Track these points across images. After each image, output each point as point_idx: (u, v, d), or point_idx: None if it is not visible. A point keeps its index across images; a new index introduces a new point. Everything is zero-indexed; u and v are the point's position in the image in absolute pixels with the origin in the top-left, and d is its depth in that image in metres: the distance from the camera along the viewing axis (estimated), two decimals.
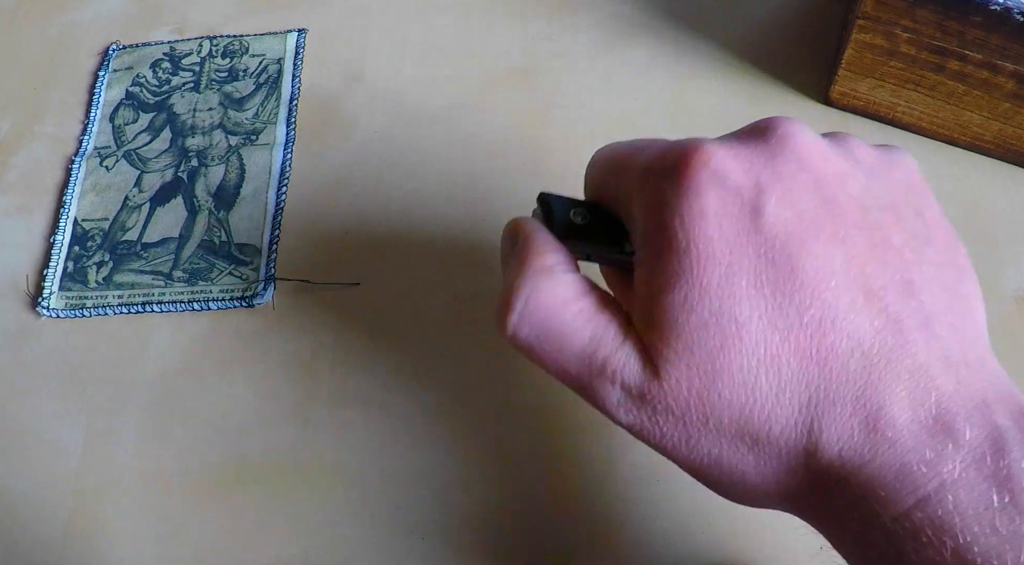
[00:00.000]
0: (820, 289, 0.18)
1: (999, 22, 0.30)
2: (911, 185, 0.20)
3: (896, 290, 0.18)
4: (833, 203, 0.19)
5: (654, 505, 0.30)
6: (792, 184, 0.19)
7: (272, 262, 0.36)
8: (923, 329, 0.18)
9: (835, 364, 0.17)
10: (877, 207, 0.19)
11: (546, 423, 0.31)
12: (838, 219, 0.18)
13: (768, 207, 0.18)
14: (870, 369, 0.17)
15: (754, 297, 0.18)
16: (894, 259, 0.18)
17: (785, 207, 0.18)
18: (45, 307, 0.36)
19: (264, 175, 0.38)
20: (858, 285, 0.18)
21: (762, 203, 0.18)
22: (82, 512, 0.31)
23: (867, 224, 0.19)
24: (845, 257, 0.18)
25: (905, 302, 0.18)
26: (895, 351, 0.17)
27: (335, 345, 0.34)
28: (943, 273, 0.19)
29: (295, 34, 0.42)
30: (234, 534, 0.30)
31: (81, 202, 0.38)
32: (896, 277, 0.18)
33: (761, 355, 0.18)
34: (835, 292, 0.18)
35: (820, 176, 0.19)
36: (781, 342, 0.18)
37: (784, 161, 0.19)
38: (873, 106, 0.36)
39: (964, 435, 0.17)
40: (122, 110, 0.41)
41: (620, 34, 0.41)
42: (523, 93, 0.39)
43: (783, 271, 0.18)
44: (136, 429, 0.33)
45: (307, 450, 0.32)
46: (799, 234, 0.18)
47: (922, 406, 0.17)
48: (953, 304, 0.19)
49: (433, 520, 0.30)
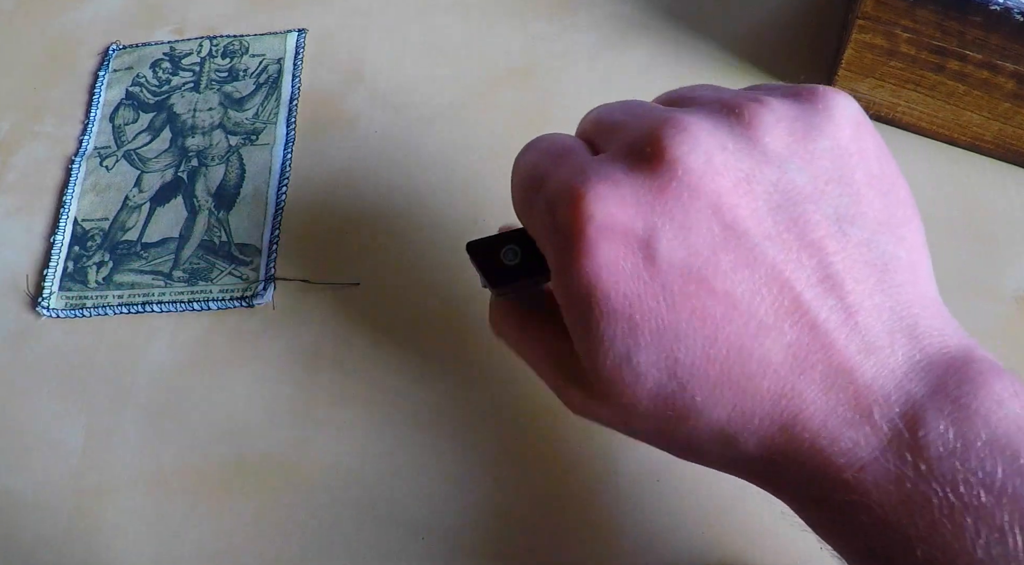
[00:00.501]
0: (723, 323, 0.18)
1: (999, 22, 0.30)
2: (836, 150, 0.19)
3: (813, 292, 0.18)
4: (734, 225, 0.18)
5: (654, 505, 0.30)
6: (684, 219, 0.18)
7: (272, 262, 0.36)
8: (843, 325, 0.18)
9: (748, 385, 0.18)
10: (790, 202, 0.19)
11: (546, 423, 0.31)
12: (742, 240, 0.18)
13: (660, 252, 0.18)
14: (782, 383, 0.18)
15: (660, 342, 0.18)
16: (811, 258, 0.18)
17: (679, 247, 0.18)
18: (45, 307, 0.36)
19: (264, 175, 0.38)
20: (767, 304, 0.18)
21: (653, 249, 0.18)
22: (82, 512, 0.31)
23: (778, 229, 0.18)
24: (751, 280, 0.18)
25: (823, 302, 0.18)
26: (809, 358, 0.18)
27: (335, 345, 0.34)
28: (872, 248, 0.19)
29: (295, 34, 0.42)
30: (234, 534, 0.30)
31: (81, 202, 0.38)
32: (814, 278, 0.18)
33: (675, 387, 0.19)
34: (740, 322, 0.18)
35: (716, 199, 0.18)
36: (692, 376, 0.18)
37: (674, 195, 0.18)
38: (873, 106, 0.36)
39: (880, 420, 0.18)
40: (122, 110, 0.41)
41: (620, 34, 0.41)
42: (523, 93, 0.39)
43: (684, 313, 0.18)
44: (136, 429, 0.33)
45: (307, 450, 0.32)
46: (696, 273, 0.18)
47: (839, 403, 0.18)
48: (884, 278, 0.19)
49: (433, 520, 0.30)
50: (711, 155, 0.18)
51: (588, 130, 0.22)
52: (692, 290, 0.18)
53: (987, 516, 0.16)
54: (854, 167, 0.19)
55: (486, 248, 0.23)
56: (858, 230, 0.19)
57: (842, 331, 0.18)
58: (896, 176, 0.20)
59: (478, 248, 0.23)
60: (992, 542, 0.16)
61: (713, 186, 0.18)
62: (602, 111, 0.22)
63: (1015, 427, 0.17)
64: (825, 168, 0.19)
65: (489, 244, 0.23)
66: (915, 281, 0.19)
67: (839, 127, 0.19)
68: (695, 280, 0.18)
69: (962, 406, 0.17)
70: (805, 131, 0.19)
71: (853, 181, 0.19)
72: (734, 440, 0.19)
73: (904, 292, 0.19)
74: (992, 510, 0.16)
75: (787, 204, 0.18)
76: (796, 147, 0.19)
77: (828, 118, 0.19)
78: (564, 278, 0.19)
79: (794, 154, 0.19)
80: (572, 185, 0.19)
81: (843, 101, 0.20)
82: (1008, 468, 0.16)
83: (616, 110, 0.22)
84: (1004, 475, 0.16)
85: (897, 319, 0.18)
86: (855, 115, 0.20)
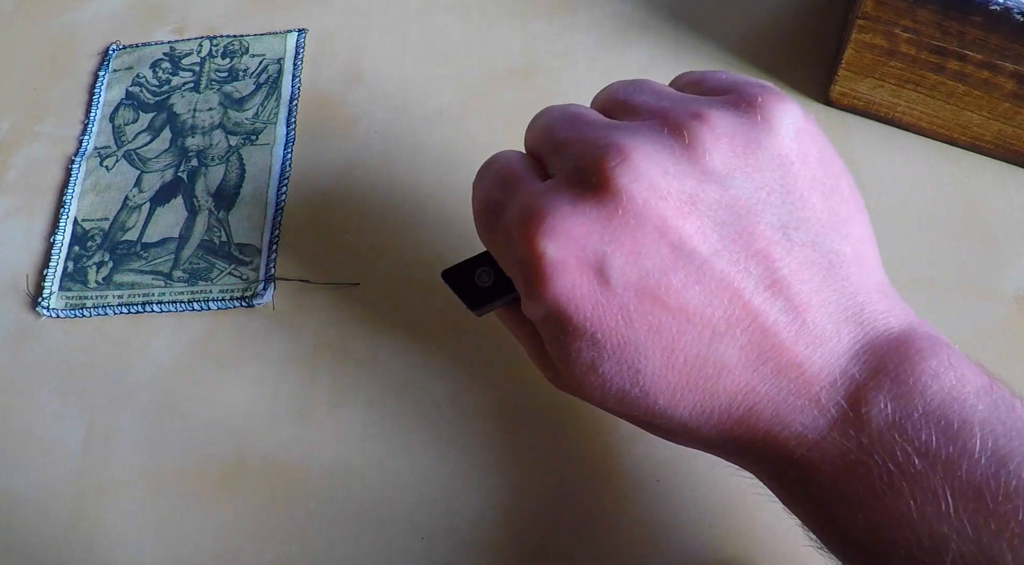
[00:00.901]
0: (679, 334, 0.20)
1: (999, 22, 0.30)
2: (777, 159, 0.20)
3: (762, 297, 0.19)
4: (681, 245, 0.19)
5: (654, 505, 0.30)
6: (633, 244, 0.19)
7: (272, 262, 0.36)
8: (791, 324, 0.20)
9: (706, 387, 0.20)
10: (736, 216, 0.20)
11: (546, 423, 0.31)
12: (690, 258, 0.19)
13: (613, 276, 0.19)
14: (738, 381, 0.20)
15: (621, 354, 0.20)
16: (758, 267, 0.19)
17: (629, 271, 0.19)
18: (45, 307, 0.36)
19: (264, 175, 0.38)
20: (720, 314, 0.19)
21: (607, 274, 0.20)
22: (82, 512, 0.31)
23: (726, 243, 0.20)
24: (702, 293, 0.19)
25: (772, 305, 0.20)
26: (761, 357, 0.20)
27: (335, 345, 0.34)
28: (817, 249, 0.20)
29: (295, 34, 0.42)
30: (234, 534, 0.30)
31: (81, 202, 0.38)
32: (761, 284, 0.19)
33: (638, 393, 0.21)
34: (695, 332, 0.20)
35: (662, 223, 0.19)
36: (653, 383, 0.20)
37: (621, 223, 0.19)
38: (873, 106, 0.36)
39: (827, 403, 0.19)
40: (122, 110, 0.41)
41: (620, 34, 0.41)
42: (523, 93, 0.39)
43: (641, 330, 0.20)
44: (136, 429, 0.33)
45: (307, 450, 0.32)
46: (649, 292, 0.19)
47: (790, 393, 0.20)
48: (830, 274, 0.20)
49: (433, 520, 0.30)
50: (654, 181, 0.19)
51: (536, 143, 0.23)
52: (647, 308, 0.20)
53: (921, 481, 0.18)
54: (796, 174, 0.20)
55: (461, 273, 0.25)
56: (802, 234, 0.20)
57: (791, 329, 0.20)
58: (839, 175, 0.21)
59: (453, 274, 0.25)
60: (926, 503, 0.17)
61: (658, 211, 0.19)
62: (547, 122, 0.23)
63: (949, 398, 0.18)
64: (767, 179, 0.20)
65: (463, 268, 0.25)
66: (860, 271, 0.20)
67: (779, 137, 0.20)
68: (649, 299, 0.19)
69: (900, 382, 0.19)
70: (745, 145, 0.20)
71: (796, 188, 0.20)
72: (696, 431, 0.21)
73: (849, 284, 0.20)
74: (926, 475, 0.18)
75: (732, 219, 0.20)
76: (737, 162, 0.20)
77: (768, 130, 0.20)
78: (531, 302, 0.21)
79: (735, 169, 0.20)
80: (524, 220, 0.20)
81: (783, 109, 0.21)
82: (941, 436, 0.18)
83: (559, 123, 0.23)
84: (937, 443, 0.18)
85: (842, 310, 0.20)
86: (795, 122, 0.21)
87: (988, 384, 0.19)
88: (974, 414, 0.18)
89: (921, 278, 0.33)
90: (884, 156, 0.36)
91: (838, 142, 0.36)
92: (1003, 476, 0.17)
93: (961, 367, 0.19)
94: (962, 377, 0.19)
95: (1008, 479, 0.17)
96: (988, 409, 0.18)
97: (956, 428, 0.18)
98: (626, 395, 0.21)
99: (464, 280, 0.25)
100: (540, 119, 0.24)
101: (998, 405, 0.18)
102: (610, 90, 0.24)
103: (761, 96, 0.21)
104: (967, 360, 0.20)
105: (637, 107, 0.22)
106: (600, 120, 0.22)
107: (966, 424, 0.18)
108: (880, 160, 0.36)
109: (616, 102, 0.23)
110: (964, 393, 0.18)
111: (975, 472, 0.17)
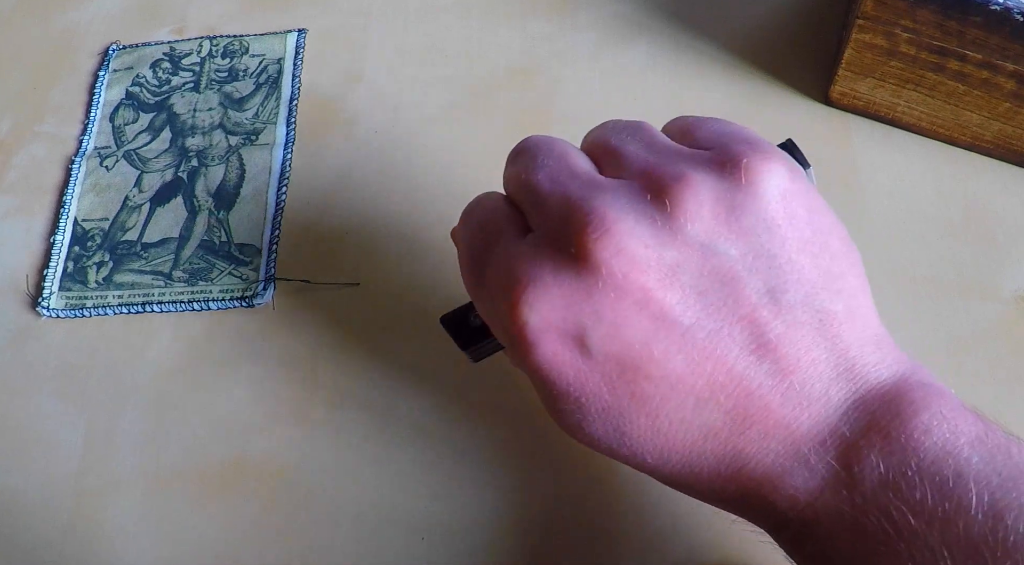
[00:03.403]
0: (663, 402, 0.20)
1: (999, 22, 0.30)
2: (763, 223, 0.20)
3: (746, 361, 0.19)
4: (662, 317, 0.19)
5: (653, 505, 0.30)
6: (614, 316, 0.19)
7: (272, 262, 0.36)
8: (777, 386, 0.19)
9: (693, 448, 0.20)
10: (719, 283, 0.19)
11: (545, 423, 0.31)
12: (672, 329, 0.19)
13: (594, 347, 0.19)
14: (725, 444, 0.20)
15: (607, 418, 0.20)
16: (743, 332, 0.19)
17: (611, 342, 0.19)
18: (45, 307, 0.36)
19: (264, 175, 0.38)
20: (704, 381, 0.19)
21: (587, 345, 0.20)
22: (82, 512, 0.31)
23: (709, 311, 0.19)
24: (685, 361, 0.19)
25: (757, 368, 0.19)
26: (747, 420, 0.19)
27: (335, 345, 0.34)
28: (806, 309, 0.20)
29: (295, 34, 0.42)
30: (234, 534, 0.30)
31: (81, 202, 0.38)
32: (747, 349, 0.19)
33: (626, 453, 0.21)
34: (679, 399, 0.20)
35: (643, 295, 0.19)
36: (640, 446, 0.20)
37: (602, 295, 0.19)
38: (873, 106, 0.36)
39: (817, 464, 0.19)
40: (122, 110, 0.41)
41: (620, 34, 0.41)
42: (523, 93, 0.39)
43: (624, 398, 0.20)
44: (136, 429, 0.33)
45: (307, 450, 0.32)
46: (631, 362, 0.19)
47: (779, 455, 0.19)
48: (820, 333, 0.20)
49: (432, 521, 0.30)
50: (634, 255, 0.19)
51: (517, 190, 0.23)
52: (629, 377, 0.20)
53: (918, 540, 0.17)
54: (783, 237, 0.20)
55: (457, 316, 0.26)
56: (791, 296, 0.20)
57: (777, 392, 0.19)
58: (829, 232, 0.21)
59: (450, 318, 0.26)
60: (925, 562, 0.17)
61: (639, 283, 0.19)
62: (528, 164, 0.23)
63: (943, 452, 0.18)
64: (752, 244, 0.20)
65: (459, 312, 0.26)
66: (852, 327, 0.20)
67: (765, 201, 0.20)
68: (631, 369, 0.19)
69: (892, 439, 0.18)
70: (729, 211, 0.20)
71: (783, 251, 0.20)
72: (688, 486, 0.21)
73: (840, 341, 0.20)
74: (923, 534, 0.17)
75: (715, 287, 0.19)
76: (720, 228, 0.20)
77: (753, 194, 0.20)
78: (518, 362, 0.21)
79: (719, 236, 0.20)
80: (506, 286, 0.21)
81: (769, 171, 0.20)
82: (936, 494, 0.18)
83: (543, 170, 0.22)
84: (933, 501, 0.17)
85: (832, 368, 0.20)
86: (781, 184, 0.20)
87: (983, 432, 0.19)
88: (969, 467, 0.18)
89: (921, 278, 0.33)
90: (884, 156, 0.36)
91: (838, 142, 0.36)
92: (1000, 531, 0.17)
93: (954, 418, 0.19)
94: (955, 429, 0.18)
95: (1006, 535, 0.17)
96: (983, 460, 0.18)
97: (951, 484, 0.18)
98: (615, 452, 0.21)
99: (459, 322, 0.26)
100: (522, 157, 0.23)
101: (993, 455, 0.18)
102: (603, 132, 0.23)
103: (747, 157, 0.20)
104: (962, 407, 0.19)
105: (624, 158, 0.22)
106: (584, 173, 0.22)
107: (961, 479, 0.18)
108: (880, 160, 0.36)
109: (606, 149, 0.22)
110: (958, 446, 0.18)
111: (972, 529, 0.17)
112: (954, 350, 0.31)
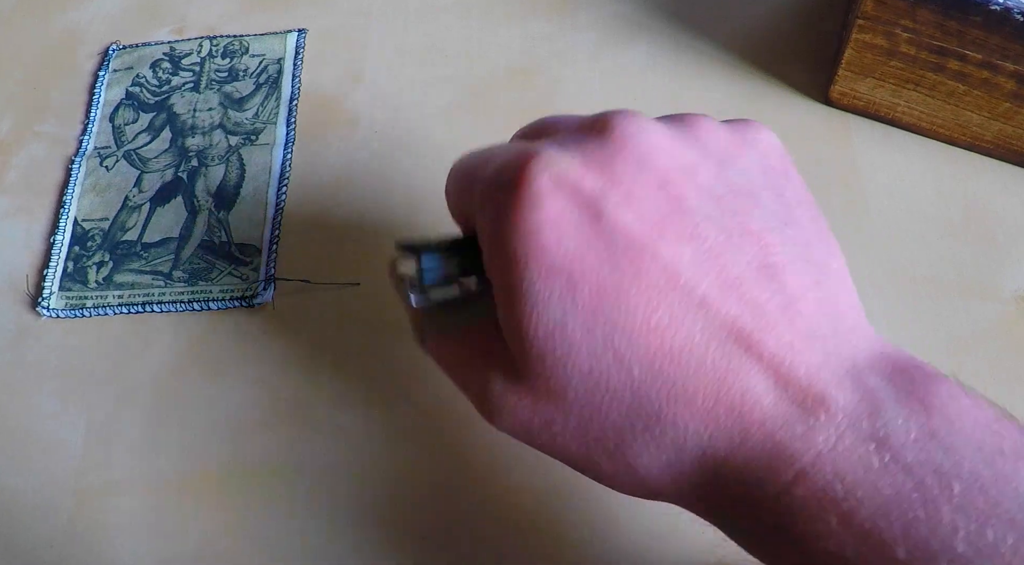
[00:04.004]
0: (667, 290, 0.18)
1: (999, 22, 0.30)
2: (768, 166, 0.20)
3: (754, 276, 0.18)
4: (680, 200, 0.18)
5: (654, 505, 0.30)
6: (633, 186, 0.18)
7: (272, 262, 0.36)
8: (786, 309, 0.18)
9: (690, 358, 0.17)
10: (732, 194, 0.19)
11: None
12: (686, 216, 0.18)
13: (608, 213, 0.18)
14: (729, 357, 0.17)
15: (598, 304, 0.18)
16: (752, 246, 0.18)
17: (626, 211, 0.18)
18: (45, 307, 0.36)
19: (264, 175, 0.38)
20: (711, 278, 0.18)
21: (602, 209, 0.18)
22: (82, 512, 0.31)
23: (721, 214, 0.19)
24: (695, 253, 0.18)
25: (765, 286, 0.18)
26: (755, 335, 0.17)
27: (335, 345, 0.34)
28: (810, 251, 0.19)
29: (295, 34, 0.42)
30: (234, 534, 0.30)
31: (81, 202, 0.38)
32: (755, 263, 0.18)
33: (610, 359, 0.18)
34: (684, 290, 0.18)
35: (664, 174, 0.19)
36: (629, 345, 0.18)
37: (624, 163, 0.19)
38: (873, 106, 0.36)
39: (835, 403, 0.17)
40: (122, 110, 0.41)
41: (620, 34, 0.41)
42: (523, 93, 0.39)
43: (627, 275, 0.18)
44: (136, 429, 0.33)
45: (307, 450, 0.32)
46: (642, 237, 0.18)
47: (788, 383, 0.17)
48: (823, 279, 0.19)
49: (432, 521, 0.30)
50: (660, 139, 0.19)
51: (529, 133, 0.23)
52: (636, 254, 0.18)
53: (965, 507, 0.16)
54: (784, 186, 0.20)
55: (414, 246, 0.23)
56: (796, 232, 0.19)
57: (786, 314, 0.18)
58: (817, 209, 0.21)
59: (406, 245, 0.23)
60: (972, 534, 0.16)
61: (662, 164, 0.19)
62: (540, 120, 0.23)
63: (972, 420, 0.17)
64: (759, 178, 0.20)
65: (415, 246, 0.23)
66: (847, 294, 0.19)
67: (770, 150, 0.21)
68: (640, 245, 0.18)
69: (918, 399, 0.17)
70: (740, 143, 0.20)
71: (784, 196, 0.20)
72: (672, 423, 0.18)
73: (840, 301, 0.19)
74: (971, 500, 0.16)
75: (729, 195, 0.19)
76: (733, 151, 0.20)
77: (759, 137, 0.21)
78: (501, 237, 0.19)
79: (732, 157, 0.20)
80: (521, 152, 0.19)
81: (769, 133, 0.21)
82: (974, 457, 0.16)
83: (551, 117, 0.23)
84: (970, 465, 0.16)
85: (840, 318, 0.19)
86: (780, 147, 0.21)
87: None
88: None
89: (921, 278, 0.33)
90: (884, 156, 0.36)
91: (838, 142, 0.36)
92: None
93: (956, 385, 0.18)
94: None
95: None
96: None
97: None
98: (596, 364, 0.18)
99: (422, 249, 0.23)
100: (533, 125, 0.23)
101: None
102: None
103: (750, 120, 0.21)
104: None
105: None
106: None
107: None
108: (880, 160, 0.36)
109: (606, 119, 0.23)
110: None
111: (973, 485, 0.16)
112: (954, 350, 0.31)
